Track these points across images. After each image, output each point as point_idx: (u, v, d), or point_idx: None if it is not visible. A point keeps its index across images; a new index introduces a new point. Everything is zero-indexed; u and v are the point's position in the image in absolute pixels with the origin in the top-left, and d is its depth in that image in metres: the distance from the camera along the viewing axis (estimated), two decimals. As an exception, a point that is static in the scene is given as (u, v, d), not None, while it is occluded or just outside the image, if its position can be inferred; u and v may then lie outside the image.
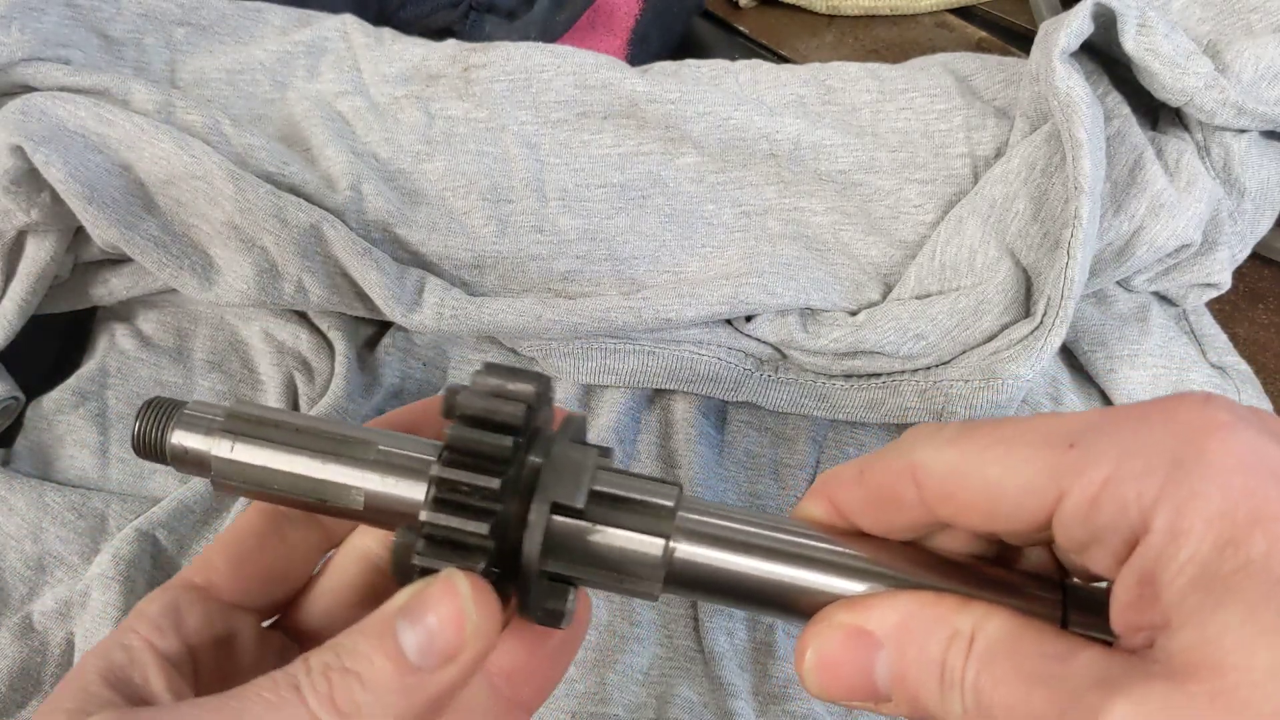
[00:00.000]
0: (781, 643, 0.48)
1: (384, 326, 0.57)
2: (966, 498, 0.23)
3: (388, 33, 0.58)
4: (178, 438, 0.27)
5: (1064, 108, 0.47)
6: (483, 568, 0.24)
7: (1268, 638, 0.18)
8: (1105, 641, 0.22)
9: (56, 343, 0.57)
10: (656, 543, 0.25)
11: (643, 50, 0.68)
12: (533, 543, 0.24)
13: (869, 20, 0.75)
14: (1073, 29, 0.49)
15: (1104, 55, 0.53)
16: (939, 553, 0.25)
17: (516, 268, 0.52)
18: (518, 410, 0.24)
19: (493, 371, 0.25)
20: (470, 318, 0.49)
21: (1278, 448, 0.20)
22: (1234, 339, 0.56)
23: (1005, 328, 0.50)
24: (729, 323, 0.52)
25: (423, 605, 0.23)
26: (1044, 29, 0.51)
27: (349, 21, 0.58)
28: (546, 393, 0.25)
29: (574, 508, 0.25)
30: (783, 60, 0.72)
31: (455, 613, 0.23)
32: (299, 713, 0.22)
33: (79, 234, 0.52)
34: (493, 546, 0.24)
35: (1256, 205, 0.54)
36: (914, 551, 0.25)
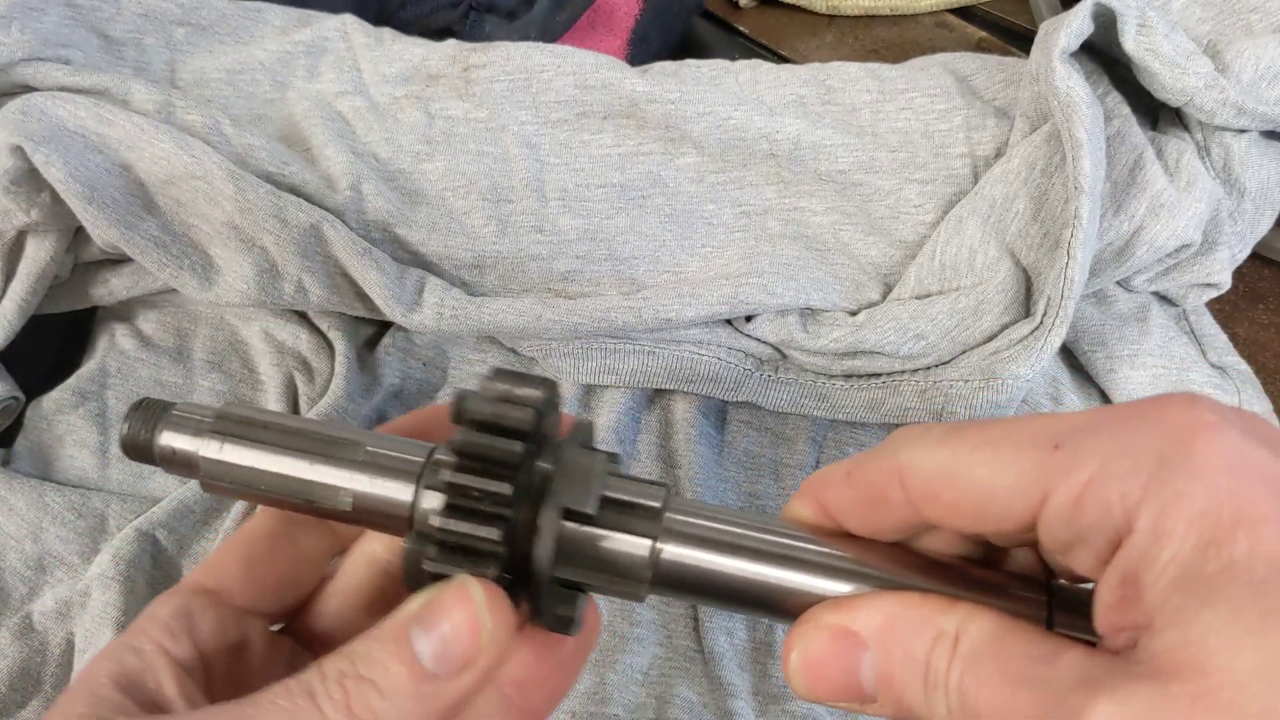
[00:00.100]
0: (781, 643, 0.47)
1: (384, 326, 0.57)
2: (953, 499, 0.23)
3: (388, 33, 0.58)
4: (166, 439, 0.27)
5: (1064, 108, 0.47)
6: (495, 574, 0.24)
7: (1251, 638, 0.18)
8: (1090, 642, 0.22)
9: (56, 343, 0.57)
10: (643, 544, 0.25)
11: (643, 50, 0.68)
12: (544, 548, 0.24)
13: (869, 20, 0.75)
14: (1073, 29, 0.49)
15: (1104, 55, 0.53)
16: (925, 553, 0.25)
17: (516, 268, 0.52)
18: (527, 415, 0.24)
19: (501, 376, 0.25)
20: (470, 318, 0.49)
21: (1262, 449, 0.20)
22: (1234, 339, 0.56)
23: (1005, 328, 0.50)
24: (729, 323, 0.52)
25: (437, 612, 0.23)
26: (1044, 29, 0.51)
27: (349, 21, 0.58)
28: (554, 397, 0.25)
29: (585, 513, 0.25)
30: (783, 60, 0.72)
31: (470, 619, 0.23)
32: None
33: (79, 234, 0.52)
34: (505, 552, 0.24)
35: (1256, 205, 0.54)
36: (900, 552, 0.25)
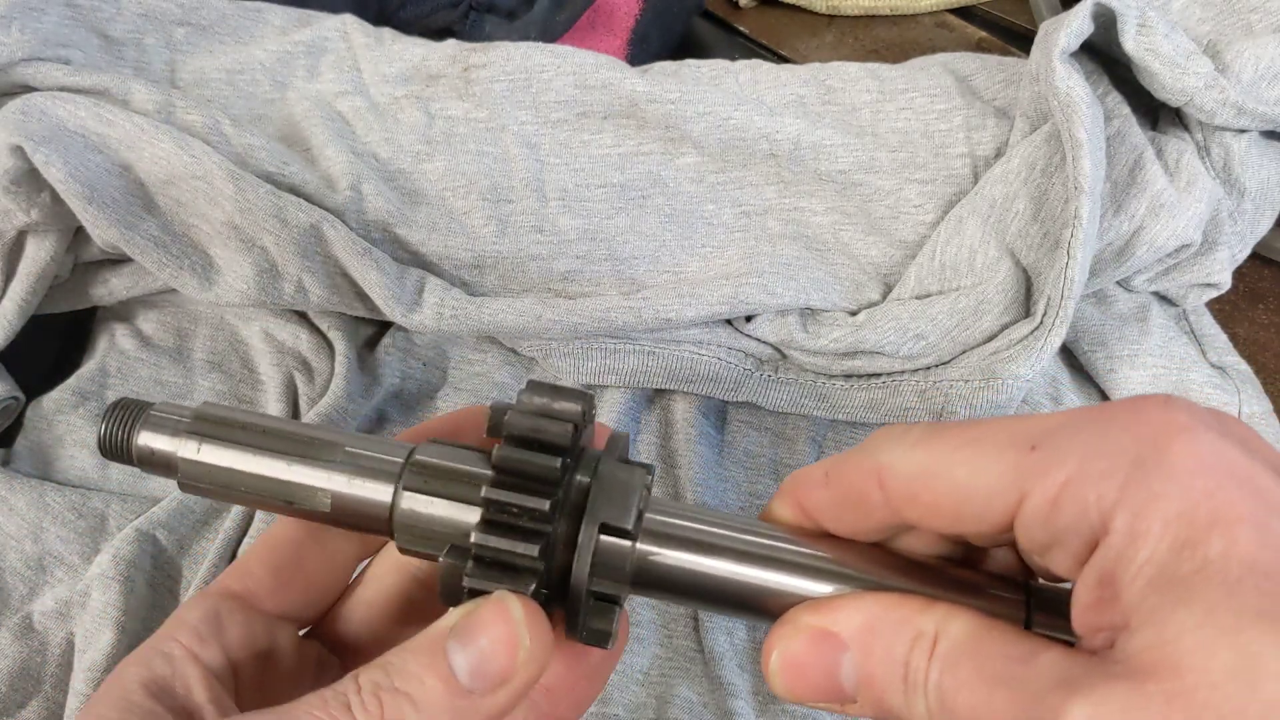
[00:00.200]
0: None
1: (384, 326, 0.57)
2: (931, 499, 0.23)
3: (388, 33, 0.58)
4: (144, 439, 0.26)
5: (1064, 108, 0.47)
6: (533, 589, 0.23)
7: (1226, 638, 0.18)
8: (1068, 642, 0.22)
9: (56, 343, 0.57)
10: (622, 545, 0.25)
11: (643, 50, 0.68)
12: (583, 564, 0.24)
13: (869, 20, 0.75)
14: (1073, 29, 0.49)
15: (1104, 55, 0.53)
16: (905, 554, 0.25)
17: (516, 268, 0.52)
18: (565, 430, 0.24)
19: (538, 390, 0.25)
20: (470, 318, 0.49)
21: (1238, 450, 0.20)
22: (1234, 339, 0.56)
23: (1005, 328, 0.50)
24: (729, 323, 0.52)
25: (475, 627, 0.23)
26: (1044, 29, 0.51)
27: (349, 21, 0.58)
28: (590, 410, 0.25)
29: (623, 529, 0.25)
30: (783, 60, 0.72)
31: (508, 636, 0.23)
32: None
33: (79, 234, 0.52)
34: (542, 568, 0.24)
35: (1256, 205, 0.54)
36: (880, 553, 0.25)
